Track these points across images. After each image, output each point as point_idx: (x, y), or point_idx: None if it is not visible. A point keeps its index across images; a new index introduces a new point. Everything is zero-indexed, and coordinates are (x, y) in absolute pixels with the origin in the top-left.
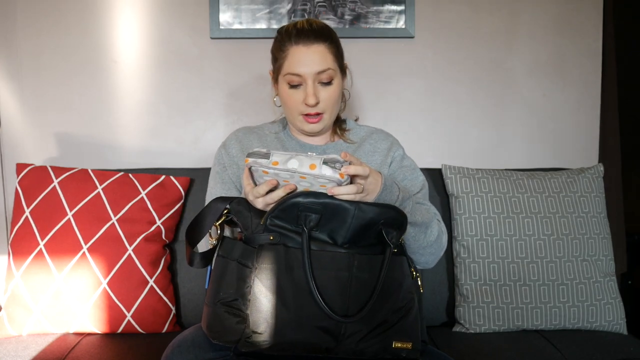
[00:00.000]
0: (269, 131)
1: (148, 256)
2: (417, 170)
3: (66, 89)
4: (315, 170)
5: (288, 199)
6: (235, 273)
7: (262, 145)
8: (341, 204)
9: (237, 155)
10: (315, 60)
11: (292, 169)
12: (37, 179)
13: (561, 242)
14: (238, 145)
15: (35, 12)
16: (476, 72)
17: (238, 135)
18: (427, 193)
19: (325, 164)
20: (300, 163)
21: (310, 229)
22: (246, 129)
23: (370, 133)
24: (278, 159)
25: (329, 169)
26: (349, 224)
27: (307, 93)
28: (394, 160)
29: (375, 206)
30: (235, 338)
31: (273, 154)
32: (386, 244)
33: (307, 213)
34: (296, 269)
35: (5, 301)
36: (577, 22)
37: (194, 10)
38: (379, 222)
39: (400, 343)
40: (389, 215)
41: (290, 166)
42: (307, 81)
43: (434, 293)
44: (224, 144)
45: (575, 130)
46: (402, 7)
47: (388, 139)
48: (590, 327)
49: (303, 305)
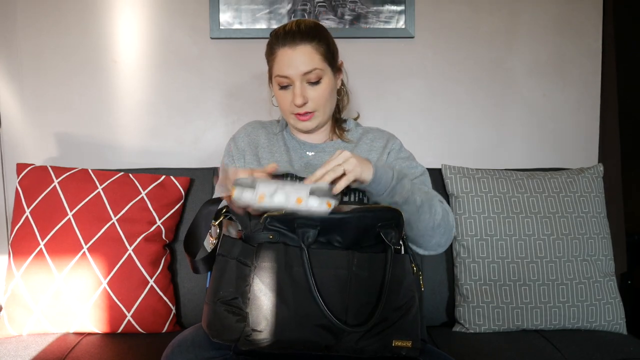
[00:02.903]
0: (275, 129)
1: (148, 256)
2: (415, 160)
3: (66, 89)
4: (302, 204)
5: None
6: (234, 272)
7: (269, 141)
8: (341, 217)
9: (244, 149)
10: (301, 61)
11: (279, 205)
12: (37, 179)
13: (561, 242)
14: (247, 139)
15: (35, 12)
16: (476, 72)
17: (247, 129)
18: (429, 180)
19: (312, 195)
20: (287, 197)
21: (309, 245)
22: (257, 122)
23: (366, 132)
24: (264, 190)
25: (315, 200)
26: (348, 233)
27: (294, 94)
28: (392, 151)
29: (370, 211)
30: (235, 336)
31: (259, 184)
32: (387, 245)
33: (305, 229)
34: (296, 267)
35: (6, 301)
36: (577, 22)
37: (194, 10)
38: (376, 225)
39: (400, 341)
40: (385, 216)
41: (277, 201)
42: (294, 82)
43: (434, 293)
44: (234, 136)
45: (575, 130)
46: (402, 7)
47: (384, 136)
48: (590, 327)
49: (303, 303)
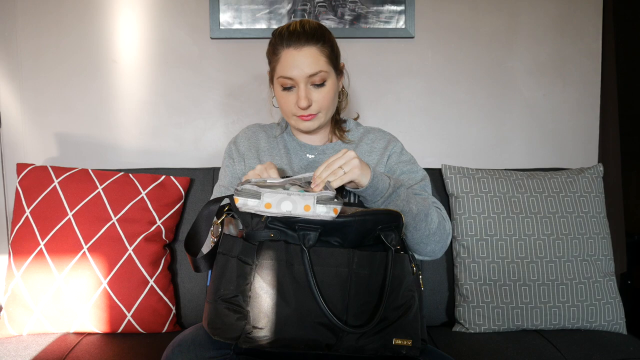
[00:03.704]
0: (275, 132)
1: (148, 256)
2: (417, 164)
3: (66, 89)
4: (310, 211)
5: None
6: (235, 270)
7: (269, 144)
8: (342, 221)
9: (244, 152)
10: (306, 63)
11: (287, 212)
12: (37, 179)
13: (561, 242)
14: (247, 143)
15: (35, 12)
16: (476, 72)
17: (247, 133)
18: (429, 185)
19: (318, 203)
20: (295, 205)
21: (310, 247)
22: (257, 126)
23: (367, 132)
24: (270, 199)
25: (323, 207)
26: (348, 235)
27: (299, 96)
28: (392, 154)
29: (371, 214)
30: (236, 334)
31: (263, 193)
32: (387, 247)
33: (306, 232)
34: (296, 264)
35: (6, 301)
36: (577, 22)
37: (194, 10)
38: (377, 228)
39: (400, 340)
40: (384, 219)
41: (285, 209)
42: (299, 84)
43: (434, 293)
44: (234, 139)
45: (575, 130)
46: (402, 7)
47: (385, 138)
48: (589, 327)
49: (303, 301)
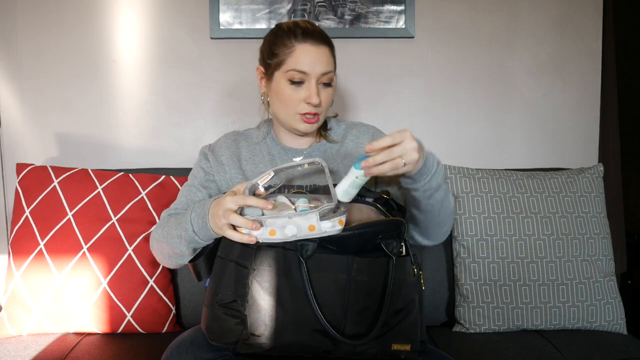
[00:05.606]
0: (256, 139)
1: (148, 256)
2: None
3: (66, 89)
4: (316, 230)
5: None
6: (233, 274)
7: (250, 152)
8: (341, 236)
9: (225, 162)
10: (321, 61)
11: (293, 237)
12: (37, 179)
13: (561, 242)
14: (227, 152)
15: (35, 12)
16: (476, 72)
17: (227, 142)
18: None
19: (322, 220)
20: (299, 228)
21: (308, 258)
22: (235, 134)
23: (350, 128)
24: (274, 226)
25: (327, 223)
26: (347, 247)
27: (310, 92)
28: None
29: (370, 226)
30: (234, 339)
31: (266, 221)
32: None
33: (304, 242)
34: (294, 271)
35: (6, 301)
36: (577, 22)
37: (194, 10)
38: (377, 238)
39: (399, 345)
40: (384, 229)
41: (290, 233)
42: (310, 80)
43: (434, 293)
44: (212, 147)
45: (575, 130)
46: (402, 7)
47: (369, 131)
48: (590, 327)
49: (301, 308)
